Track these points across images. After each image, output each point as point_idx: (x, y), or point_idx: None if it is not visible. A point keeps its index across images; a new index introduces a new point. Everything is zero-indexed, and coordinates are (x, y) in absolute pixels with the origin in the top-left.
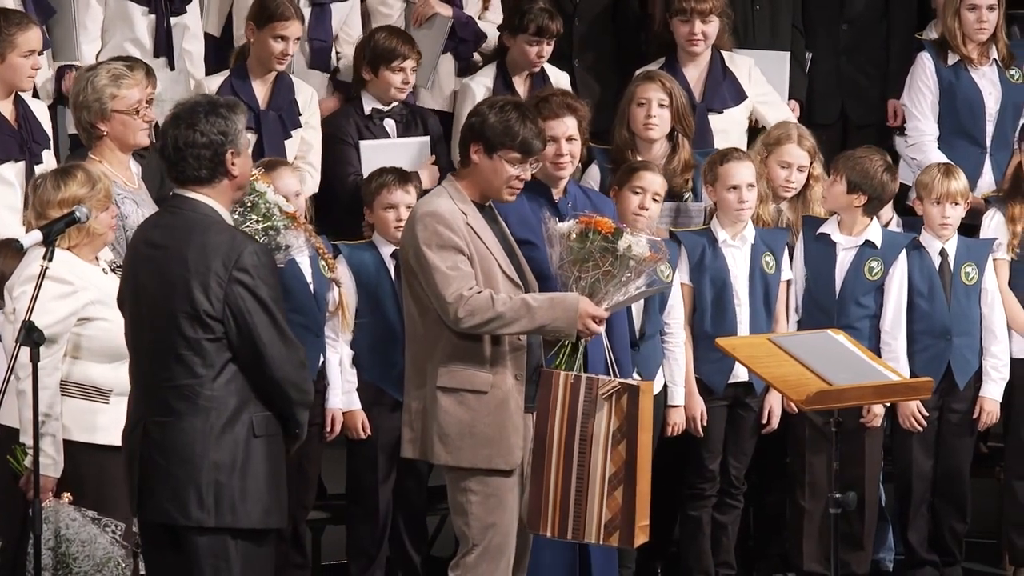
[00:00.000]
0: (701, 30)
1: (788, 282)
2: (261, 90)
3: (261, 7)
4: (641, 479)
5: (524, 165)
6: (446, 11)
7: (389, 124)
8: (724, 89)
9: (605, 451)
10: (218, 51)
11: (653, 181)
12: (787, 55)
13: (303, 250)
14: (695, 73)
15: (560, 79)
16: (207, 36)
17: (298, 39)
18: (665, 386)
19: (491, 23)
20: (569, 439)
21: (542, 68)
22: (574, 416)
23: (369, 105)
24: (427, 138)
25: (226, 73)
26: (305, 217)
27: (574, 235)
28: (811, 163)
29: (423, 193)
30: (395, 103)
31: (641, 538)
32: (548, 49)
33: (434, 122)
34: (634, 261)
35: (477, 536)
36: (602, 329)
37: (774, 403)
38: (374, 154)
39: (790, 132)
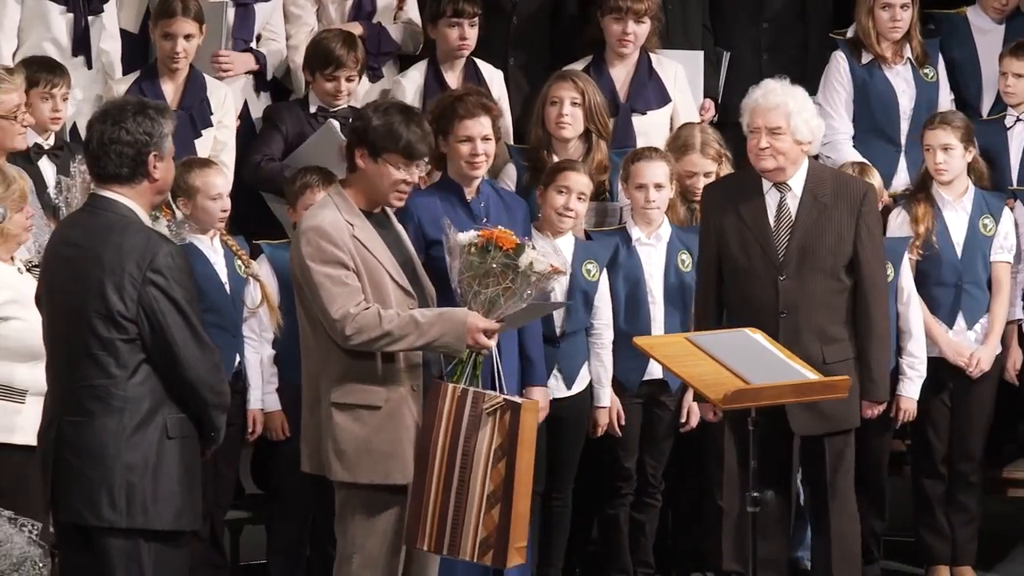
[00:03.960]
0: (633, 30)
1: None
2: (171, 89)
3: (156, 4)
4: (519, 500)
5: (410, 169)
6: (356, 31)
7: (333, 124)
8: (649, 91)
9: (486, 468)
10: (135, 48)
11: (578, 181)
12: (701, 55)
13: (179, 236)
14: (622, 73)
15: (494, 76)
16: (125, 33)
17: (189, 37)
18: (591, 386)
19: (407, 21)
20: (452, 452)
21: (475, 64)
22: (458, 430)
23: (315, 104)
24: (331, 123)
25: (137, 73)
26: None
27: (474, 249)
28: (719, 167)
29: None
30: (342, 105)
31: (516, 559)
32: (471, 32)
33: None
34: (535, 277)
35: (359, 543)
36: (494, 343)
37: (693, 402)
38: (300, 161)
39: (693, 141)
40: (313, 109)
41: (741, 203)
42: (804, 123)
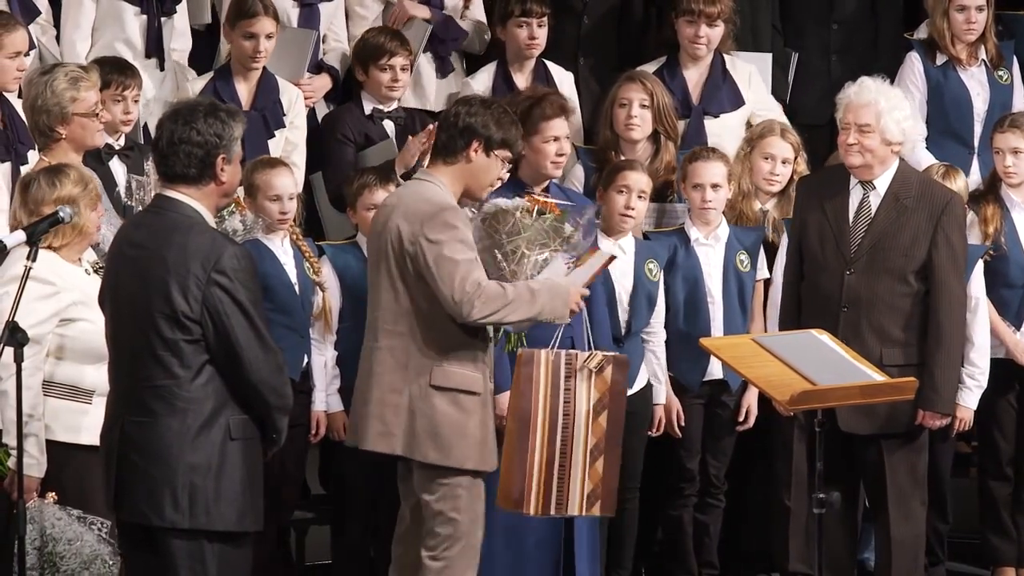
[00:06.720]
0: (706, 33)
1: (765, 281)
2: (244, 90)
3: (233, 5)
4: (619, 448)
5: (505, 167)
6: (423, 13)
7: (388, 126)
8: (723, 94)
9: (587, 424)
10: (200, 46)
11: (638, 180)
12: (769, 57)
13: (252, 232)
14: (695, 75)
15: (563, 78)
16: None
17: (270, 36)
18: (649, 384)
19: (474, 20)
20: (553, 416)
21: (545, 66)
22: (557, 392)
23: (369, 106)
24: (390, 141)
25: (211, 73)
26: (295, 220)
27: (525, 211)
28: (795, 158)
29: None
30: (395, 105)
31: (615, 504)
32: (540, 32)
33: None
34: (575, 240)
35: (465, 531)
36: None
37: (752, 401)
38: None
39: (773, 126)
40: (368, 111)
41: (827, 197)
42: (895, 123)
